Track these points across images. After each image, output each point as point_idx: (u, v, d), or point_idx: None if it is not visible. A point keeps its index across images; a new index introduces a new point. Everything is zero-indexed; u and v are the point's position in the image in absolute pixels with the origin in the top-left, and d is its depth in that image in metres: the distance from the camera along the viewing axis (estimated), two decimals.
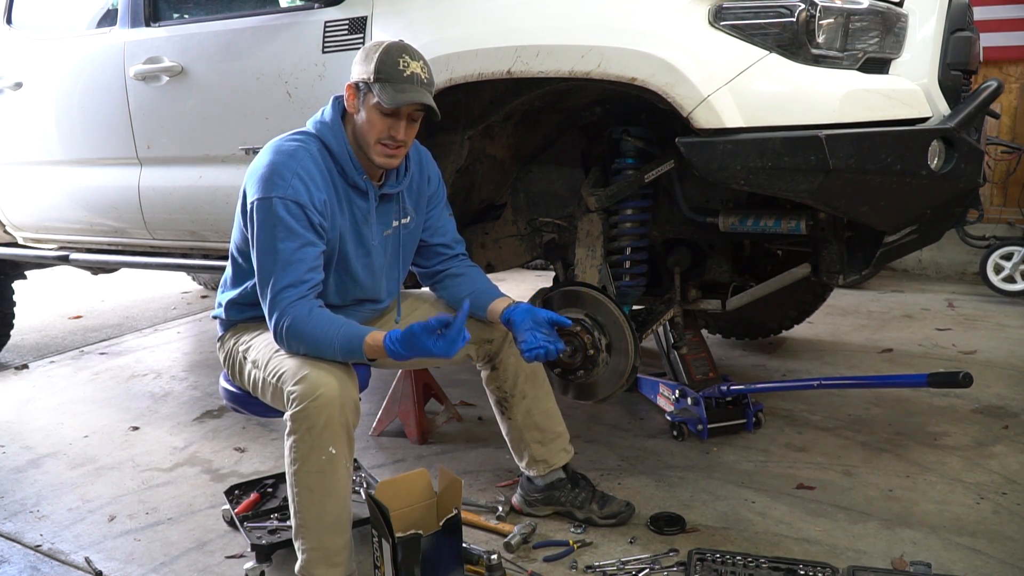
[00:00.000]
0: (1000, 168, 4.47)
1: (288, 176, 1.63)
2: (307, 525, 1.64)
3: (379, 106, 1.64)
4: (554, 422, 2.04)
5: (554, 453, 2.03)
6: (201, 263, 2.88)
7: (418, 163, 1.88)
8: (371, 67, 1.63)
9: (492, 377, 1.99)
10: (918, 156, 1.70)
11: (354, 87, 1.68)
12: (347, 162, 1.71)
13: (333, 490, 1.62)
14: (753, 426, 2.56)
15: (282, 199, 1.62)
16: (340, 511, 1.64)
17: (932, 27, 1.85)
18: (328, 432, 1.58)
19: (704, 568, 1.75)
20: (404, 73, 1.63)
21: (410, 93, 1.63)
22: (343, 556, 1.67)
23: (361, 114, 1.68)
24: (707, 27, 1.74)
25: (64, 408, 3.09)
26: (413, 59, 1.65)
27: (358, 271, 1.80)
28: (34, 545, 2.06)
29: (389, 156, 1.71)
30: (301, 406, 1.57)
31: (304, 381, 1.58)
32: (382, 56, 1.63)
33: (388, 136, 1.67)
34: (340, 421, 1.58)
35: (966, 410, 2.72)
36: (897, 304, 4.27)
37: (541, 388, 2.02)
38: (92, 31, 2.95)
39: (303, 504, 1.63)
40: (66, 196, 3.06)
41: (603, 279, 2.34)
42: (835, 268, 2.08)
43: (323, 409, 1.56)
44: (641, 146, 2.27)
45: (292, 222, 1.62)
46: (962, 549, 1.86)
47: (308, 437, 1.58)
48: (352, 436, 1.64)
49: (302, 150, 1.68)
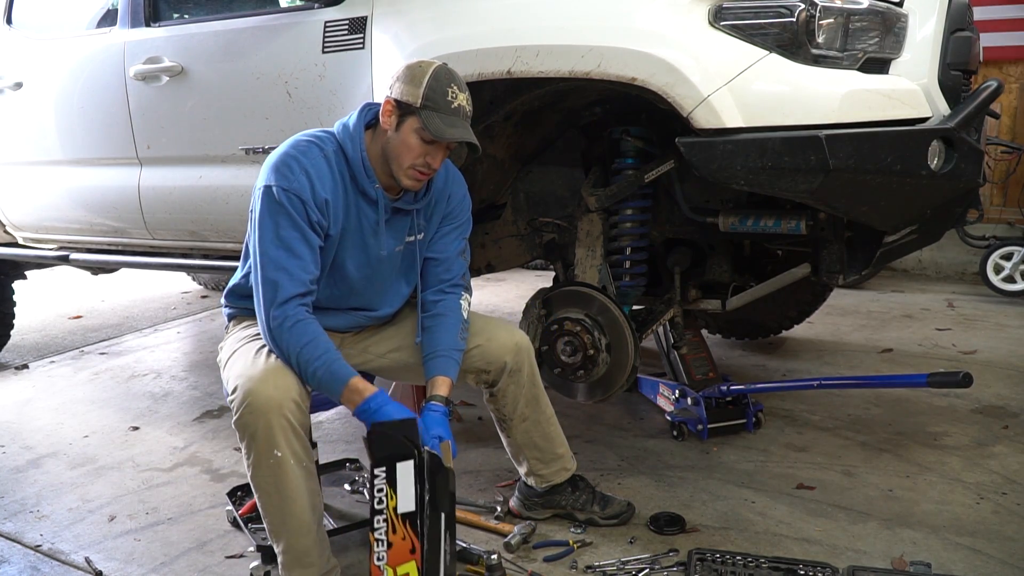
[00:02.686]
0: (1000, 168, 4.47)
1: (296, 170, 1.63)
2: (274, 529, 1.65)
3: (422, 132, 1.62)
4: (554, 444, 2.01)
5: (554, 471, 2.01)
6: (201, 263, 2.88)
7: (443, 182, 1.84)
8: (420, 91, 1.60)
9: (492, 400, 1.97)
10: (918, 156, 1.70)
11: (394, 105, 1.64)
12: (359, 169, 1.69)
13: (288, 493, 1.61)
14: (753, 426, 2.56)
15: (285, 190, 1.62)
16: (300, 512, 1.62)
17: (932, 27, 1.86)
18: (268, 435, 1.57)
19: (704, 568, 1.75)
20: (452, 104, 1.62)
21: (459, 128, 1.62)
22: (313, 556, 1.66)
23: (398, 134, 1.65)
24: (707, 27, 1.74)
25: (64, 408, 3.09)
26: (461, 90, 1.64)
27: (354, 279, 1.78)
28: (34, 545, 2.06)
29: (418, 181, 1.70)
30: (238, 414, 1.58)
31: (238, 390, 1.58)
32: (431, 83, 1.60)
33: (424, 163, 1.66)
34: (278, 424, 1.56)
35: (966, 410, 2.72)
36: (897, 304, 4.27)
37: (542, 412, 1.98)
38: (92, 31, 2.95)
39: (266, 508, 1.64)
40: (66, 196, 3.06)
41: (603, 279, 2.34)
42: (835, 268, 2.08)
43: (258, 416, 1.56)
44: (641, 146, 2.27)
45: (293, 213, 1.62)
46: (962, 549, 1.86)
47: (253, 444, 1.58)
48: (300, 434, 1.61)
49: (316, 148, 1.67)
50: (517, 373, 1.90)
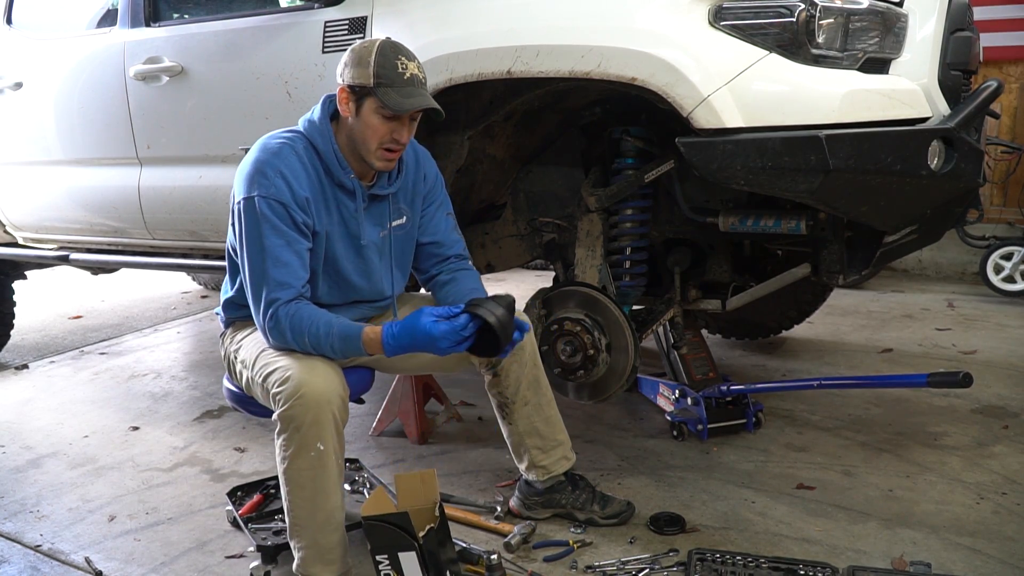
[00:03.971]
0: (1000, 168, 4.46)
1: (271, 175, 1.62)
2: (300, 523, 1.65)
3: (382, 111, 1.62)
4: (555, 429, 2.02)
5: (555, 461, 2.02)
6: (201, 263, 2.88)
7: (414, 162, 1.86)
8: (369, 71, 1.61)
9: (494, 383, 1.98)
10: (918, 156, 1.70)
11: (348, 91, 1.65)
12: (332, 161, 1.69)
13: (323, 487, 1.62)
14: (753, 426, 2.56)
15: (265, 198, 1.61)
16: (332, 508, 1.64)
17: (932, 27, 1.86)
18: (316, 429, 1.58)
19: (704, 568, 1.75)
20: (404, 76, 1.62)
21: (417, 98, 1.63)
22: (337, 553, 1.67)
23: (359, 119, 1.65)
24: (707, 27, 1.75)
25: (64, 408, 3.09)
26: (409, 59, 1.64)
27: (349, 272, 1.79)
28: (34, 545, 2.06)
29: (389, 160, 1.70)
30: (287, 405, 1.58)
31: (289, 381, 1.58)
32: (379, 59, 1.61)
33: (392, 140, 1.66)
34: (327, 418, 1.58)
35: (966, 410, 2.72)
36: (897, 304, 4.27)
37: (543, 395, 2.00)
38: (92, 31, 2.95)
39: (295, 502, 1.64)
40: (66, 196, 3.06)
41: (603, 279, 2.34)
42: (835, 268, 2.08)
43: (309, 407, 1.57)
44: (641, 146, 2.27)
45: (276, 221, 1.62)
46: (962, 549, 1.86)
47: (296, 435, 1.58)
48: (341, 432, 1.63)
49: (287, 147, 1.67)
50: (520, 351, 1.91)
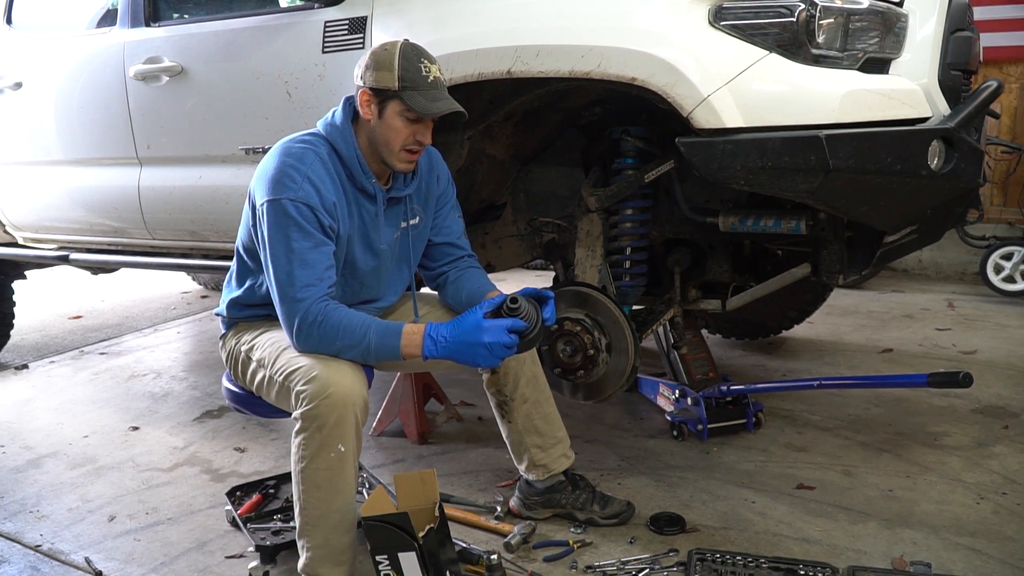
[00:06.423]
0: (1000, 168, 4.46)
1: (298, 179, 1.62)
2: (313, 523, 1.64)
3: (406, 114, 1.64)
4: (554, 427, 2.03)
5: (554, 459, 2.02)
6: (201, 263, 2.88)
7: (427, 163, 1.87)
8: (394, 74, 1.61)
9: (492, 380, 1.99)
10: (918, 156, 1.70)
11: (371, 93, 1.65)
12: (356, 166, 1.70)
13: (340, 488, 1.62)
14: (753, 426, 2.56)
15: (293, 201, 1.61)
16: (346, 509, 1.65)
17: (932, 27, 1.85)
18: (339, 430, 1.58)
19: (704, 568, 1.75)
20: (428, 79, 1.63)
21: (442, 101, 1.65)
22: (348, 555, 1.67)
23: (382, 121, 1.66)
24: (707, 27, 1.74)
25: (64, 408, 3.09)
26: (431, 62, 1.66)
27: (364, 274, 1.80)
28: (34, 545, 2.06)
29: (410, 161, 1.72)
30: (312, 404, 1.57)
31: (315, 380, 1.58)
32: (402, 63, 1.62)
33: (415, 142, 1.68)
34: (351, 419, 1.59)
35: (966, 410, 2.72)
36: (897, 304, 4.27)
37: (542, 392, 2.01)
38: (92, 31, 2.95)
39: (309, 502, 1.63)
40: (66, 196, 3.06)
41: (603, 279, 2.34)
42: (835, 268, 2.08)
43: (334, 407, 1.57)
44: (641, 146, 2.27)
45: (304, 223, 1.62)
46: (962, 549, 1.86)
47: (318, 435, 1.58)
48: (360, 434, 1.64)
49: (311, 153, 1.67)
50: None
